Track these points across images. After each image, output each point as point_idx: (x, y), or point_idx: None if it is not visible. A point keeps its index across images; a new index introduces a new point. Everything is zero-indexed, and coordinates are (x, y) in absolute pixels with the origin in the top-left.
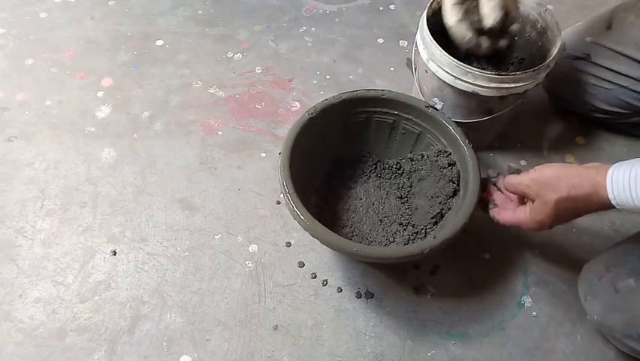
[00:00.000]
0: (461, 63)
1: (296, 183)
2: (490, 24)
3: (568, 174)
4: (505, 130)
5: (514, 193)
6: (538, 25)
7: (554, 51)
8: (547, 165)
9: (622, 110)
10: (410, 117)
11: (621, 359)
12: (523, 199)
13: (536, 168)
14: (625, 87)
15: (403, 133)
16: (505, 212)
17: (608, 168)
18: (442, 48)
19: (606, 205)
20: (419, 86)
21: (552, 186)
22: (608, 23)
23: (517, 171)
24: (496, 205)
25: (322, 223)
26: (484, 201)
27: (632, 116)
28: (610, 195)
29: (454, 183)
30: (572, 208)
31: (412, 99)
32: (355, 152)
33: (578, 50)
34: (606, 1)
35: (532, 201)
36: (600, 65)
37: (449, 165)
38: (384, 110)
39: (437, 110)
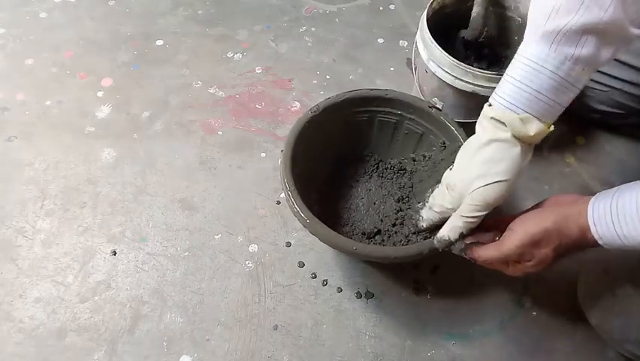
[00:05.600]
0: (461, 63)
1: (297, 180)
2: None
3: (554, 223)
4: None
5: (495, 266)
6: None
7: None
8: (522, 219)
9: (619, 111)
10: (413, 117)
11: (621, 359)
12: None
13: (514, 228)
14: (619, 89)
15: (406, 133)
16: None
17: (587, 208)
18: (442, 48)
19: (597, 245)
20: (419, 86)
21: (545, 241)
22: None
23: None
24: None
25: (323, 221)
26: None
27: (629, 117)
28: (596, 237)
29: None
30: (566, 251)
31: (416, 99)
32: (357, 151)
33: None
34: None
35: (527, 260)
36: None
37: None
38: (388, 109)
39: (440, 110)
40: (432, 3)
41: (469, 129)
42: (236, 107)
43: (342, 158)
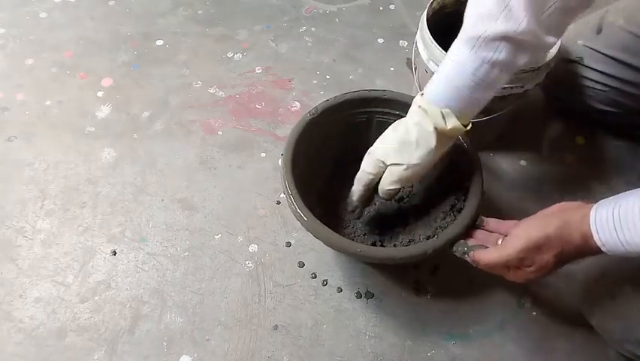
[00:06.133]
0: None
1: (298, 184)
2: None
3: (556, 229)
4: (505, 130)
5: (496, 271)
6: None
7: (554, 51)
8: (525, 223)
9: (618, 110)
10: None
11: (621, 359)
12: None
13: (516, 232)
14: (618, 89)
15: None
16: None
17: (590, 214)
18: (442, 48)
19: (600, 252)
20: (419, 87)
21: (547, 247)
22: (599, 27)
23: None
24: (469, 247)
25: (324, 224)
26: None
27: (628, 116)
28: (599, 244)
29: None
30: (568, 258)
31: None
32: (357, 152)
33: (570, 53)
34: (608, 1)
35: (528, 266)
36: (593, 68)
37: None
38: (386, 110)
39: None
40: (432, 3)
41: None
42: (236, 107)
43: (342, 159)
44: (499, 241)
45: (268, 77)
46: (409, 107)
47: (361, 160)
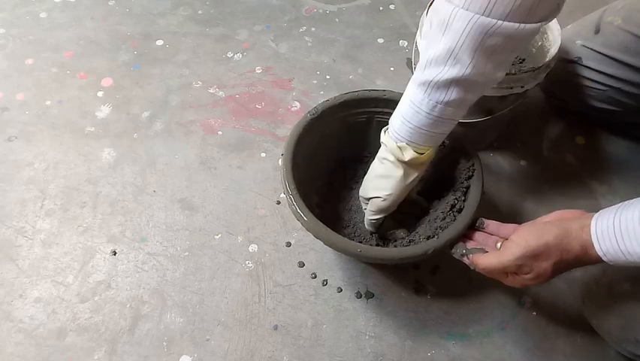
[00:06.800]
0: None
1: (298, 184)
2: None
3: (555, 238)
4: (505, 130)
5: (493, 276)
6: None
7: (554, 51)
8: (524, 230)
9: (617, 109)
10: None
11: (621, 359)
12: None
13: (515, 239)
14: (617, 88)
15: None
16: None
17: (590, 223)
18: None
19: (599, 261)
20: None
21: (545, 255)
22: (597, 27)
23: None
24: (468, 250)
25: (324, 224)
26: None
27: (628, 115)
28: (600, 253)
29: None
30: (567, 267)
31: None
32: (356, 152)
33: (569, 53)
34: (606, 1)
35: (526, 273)
36: (591, 68)
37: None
38: (386, 110)
39: None
40: (432, 3)
41: (467, 128)
42: (237, 107)
43: (342, 159)
44: (498, 245)
45: (268, 77)
46: None
47: (361, 160)
